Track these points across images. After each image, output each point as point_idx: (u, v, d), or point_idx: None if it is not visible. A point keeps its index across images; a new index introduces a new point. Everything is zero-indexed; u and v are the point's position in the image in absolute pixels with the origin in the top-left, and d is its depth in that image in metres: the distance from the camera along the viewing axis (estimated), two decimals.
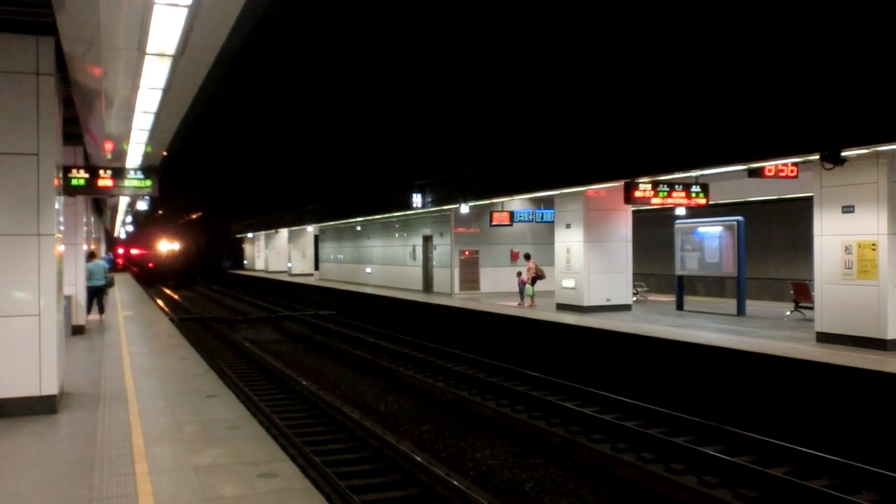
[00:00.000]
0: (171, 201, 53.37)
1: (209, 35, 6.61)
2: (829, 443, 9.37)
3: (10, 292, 8.17)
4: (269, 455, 6.67)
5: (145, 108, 9.42)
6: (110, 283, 23.50)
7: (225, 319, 26.61)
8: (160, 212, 59.62)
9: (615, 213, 18.80)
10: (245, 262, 63.05)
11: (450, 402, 12.70)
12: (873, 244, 11.78)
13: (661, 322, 15.95)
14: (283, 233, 47.93)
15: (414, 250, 28.19)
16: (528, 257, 21.56)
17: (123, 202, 27.75)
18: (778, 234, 21.83)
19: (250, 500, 5.50)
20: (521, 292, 21.14)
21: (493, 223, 23.26)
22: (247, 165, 34.93)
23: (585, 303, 18.45)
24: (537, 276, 20.57)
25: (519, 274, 21.74)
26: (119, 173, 12.85)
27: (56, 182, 8.65)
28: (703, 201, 15.96)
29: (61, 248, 9.32)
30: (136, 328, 17.21)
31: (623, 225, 19.01)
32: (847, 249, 12.15)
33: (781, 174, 13.99)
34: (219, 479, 5.95)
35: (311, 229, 43.21)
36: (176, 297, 40.77)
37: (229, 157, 33.45)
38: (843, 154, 10.95)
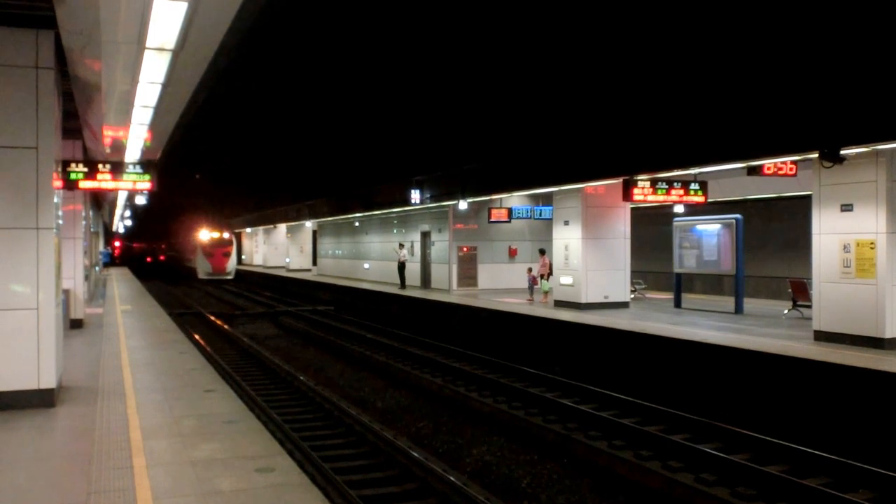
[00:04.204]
0: (170, 194, 53.27)
1: (209, 29, 6.61)
2: (827, 441, 9.40)
3: (8, 286, 8.18)
4: (266, 450, 6.69)
5: (144, 102, 9.41)
6: None
7: (223, 314, 26.63)
8: (161, 204, 59.40)
9: (614, 209, 18.82)
10: (243, 257, 62.93)
11: (447, 398, 12.71)
12: (872, 243, 11.79)
13: (658, 319, 15.97)
14: (282, 228, 47.86)
15: (412, 246, 28.19)
16: (542, 252, 21.57)
17: (122, 196, 27.71)
18: (776, 232, 21.84)
19: (247, 494, 5.52)
20: (531, 288, 21.15)
21: (492, 220, 23.23)
22: (245, 160, 34.91)
23: (583, 300, 18.48)
24: (549, 272, 20.64)
25: (529, 270, 21.73)
26: (118, 167, 12.84)
27: (55, 176, 8.64)
28: (701, 199, 15.97)
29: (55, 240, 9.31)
30: (134, 322, 17.21)
31: (621, 222, 19.02)
32: (845, 248, 12.16)
33: (780, 172, 13.98)
34: (216, 473, 5.97)
35: (309, 224, 43.17)
36: (174, 291, 40.75)
37: (228, 152, 33.43)
38: (843, 152, 10.93)
